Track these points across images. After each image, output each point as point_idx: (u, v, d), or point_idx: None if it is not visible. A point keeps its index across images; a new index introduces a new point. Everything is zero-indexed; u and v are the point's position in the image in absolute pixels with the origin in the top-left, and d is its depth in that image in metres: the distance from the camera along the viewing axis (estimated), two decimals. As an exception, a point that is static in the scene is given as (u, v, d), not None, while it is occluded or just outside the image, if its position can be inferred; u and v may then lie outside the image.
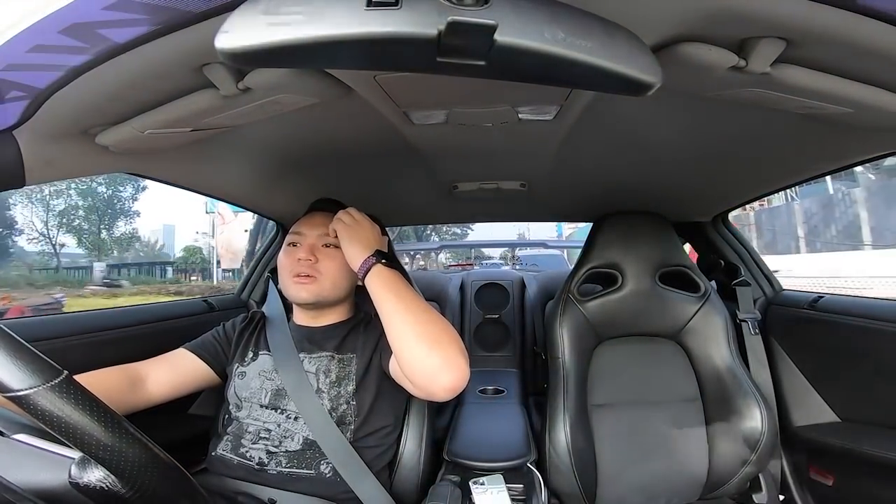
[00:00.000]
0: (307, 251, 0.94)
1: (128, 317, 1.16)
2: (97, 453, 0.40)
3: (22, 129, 0.62)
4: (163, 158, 0.89)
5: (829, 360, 1.21)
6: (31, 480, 0.42)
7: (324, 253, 0.95)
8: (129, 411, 0.83)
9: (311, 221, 0.99)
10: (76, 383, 0.41)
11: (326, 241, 0.96)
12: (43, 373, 0.39)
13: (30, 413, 0.39)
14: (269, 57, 0.39)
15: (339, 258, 0.93)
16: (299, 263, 0.93)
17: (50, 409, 0.39)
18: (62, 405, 0.39)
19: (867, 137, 0.81)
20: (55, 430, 0.39)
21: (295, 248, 0.96)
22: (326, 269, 0.94)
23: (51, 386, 0.39)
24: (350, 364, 0.93)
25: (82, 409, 0.40)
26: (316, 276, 0.93)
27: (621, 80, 0.43)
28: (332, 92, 0.70)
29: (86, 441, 0.40)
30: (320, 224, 0.97)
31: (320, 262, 0.94)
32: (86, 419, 0.40)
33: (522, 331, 1.96)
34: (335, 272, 0.95)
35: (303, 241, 0.96)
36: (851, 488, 1.10)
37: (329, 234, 0.95)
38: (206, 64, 0.58)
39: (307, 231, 0.97)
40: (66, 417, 0.39)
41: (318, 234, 0.96)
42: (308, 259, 0.93)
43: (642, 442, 1.20)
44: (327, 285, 0.94)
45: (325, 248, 0.96)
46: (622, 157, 1.10)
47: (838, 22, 0.48)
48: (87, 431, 0.40)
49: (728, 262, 1.51)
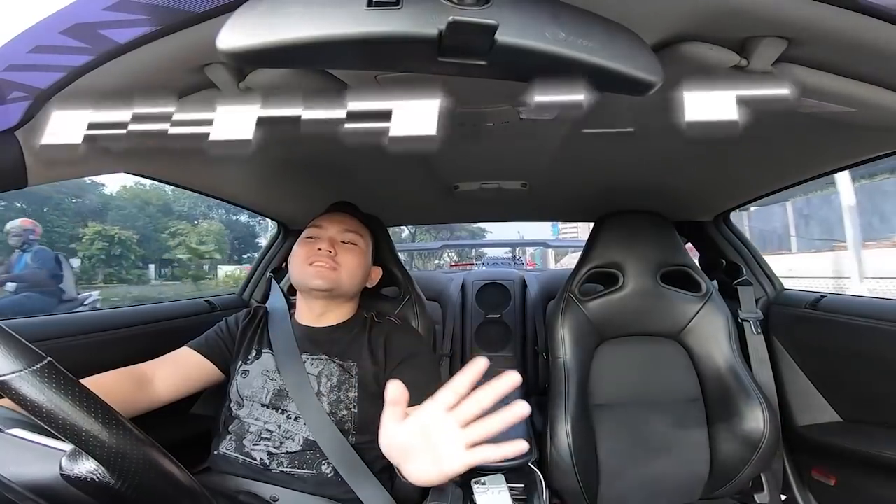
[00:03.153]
0: (328, 243, 0.97)
1: (129, 317, 1.16)
2: (81, 441, 0.39)
3: (24, 130, 0.62)
4: (165, 159, 0.89)
5: (832, 359, 1.21)
6: (23, 473, 0.42)
7: (343, 248, 0.98)
8: (137, 413, 0.83)
9: (332, 217, 1.03)
10: (59, 369, 0.40)
11: (346, 238, 1.00)
12: (25, 357, 0.39)
13: (11, 398, 0.38)
14: (270, 57, 0.39)
15: (358, 255, 0.99)
16: (319, 253, 0.96)
17: (31, 394, 0.38)
18: (44, 390, 0.38)
19: (870, 137, 0.81)
20: (38, 417, 0.38)
21: (313, 241, 0.98)
22: (345, 262, 0.97)
23: (33, 371, 0.38)
24: (351, 370, 0.93)
25: (65, 395, 0.39)
26: (335, 267, 0.95)
27: (622, 80, 0.43)
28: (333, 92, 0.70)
29: (69, 428, 0.39)
30: (342, 221, 1.02)
31: (339, 255, 0.97)
32: (68, 405, 0.39)
33: (524, 331, 1.95)
34: (352, 267, 0.98)
35: (323, 234, 0.99)
36: (853, 488, 1.10)
37: (352, 232, 0.99)
38: (207, 64, 0.58)
39: (328, 225, 1.01)
40: (47, 403, 0.38)
41: (339, 230, 1.00)
42: (329, 250, 0.96)
43: (644, 442, 1.20)
44: (344, 277, 0.97)
45: (344, 244, 0.99)
46: (623, 156, 1.10)
47: (840, 21, 0.48)
48: (71, 418, 0.39)
49: (729, 262, 1.50)
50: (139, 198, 19.68)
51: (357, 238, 1.01)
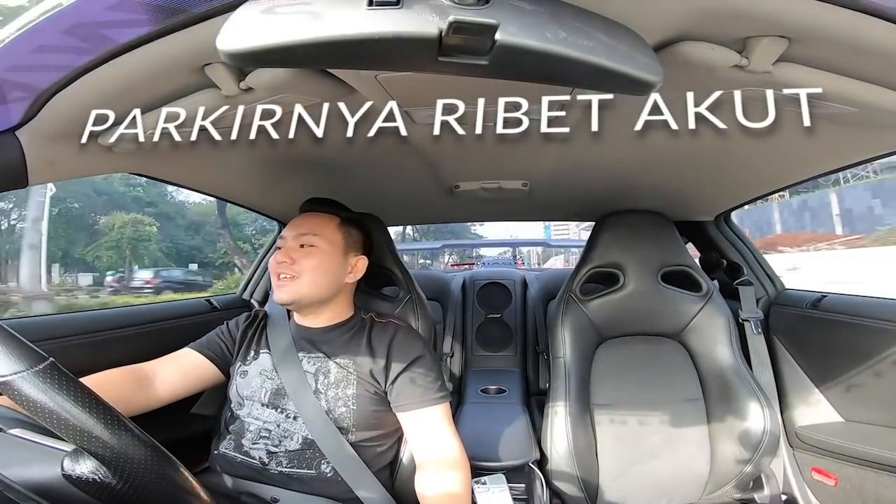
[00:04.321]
0: (284, 254, 0.94)
1: (130, 317, 1.16)
2: (84, 442, 0.39)
3: (24, 130, 0.62)
4: (165, 158, 0.89)
5: (833, 359, 1.20)
6: (25, 474, 0.42)
7: (300, 253, 0.94)
8: (137, 412, 0.84)
9: (293, 223, 0.99)
10: (61, 370, 0.40)
11: (302, 242, 0.95)
12: (27, 358, 0.39)
13: (13, 399, 0.38)
14: (270, 57, 0.39)
15: (316, 256, 0.94)
16: (278, 265, 0.94)
17: (34, 395, 0.38)
18: (46, 390, 0.38)
19: (870, 136, 0.81)
20: (40, 418, 0.38)
21: (278, 251, 0.97)
22: (303, 268, 0.93)
23: (35, 371, 0.38)
24: (349, 368, 0.93)
25: (67, 396, 0.39)
26: (295, 277, 0.93)
27: (623, 80, 0.43)
28: (334, 92, 0.70)
29: (71, 429, 0.39)
30: (300, 225, 0.98)
31: (297, 262, 0.93)
32: (70, 405, 0.39)
33: (524, 330, 1.95)
34: (311, 270, 0.94)
35: (284, 244, 0.96)
36: (854, 488, 1.10)
37: (307, 234, 0.95)
38: (207, 64, 0.58)
39: (287, 233, 0.98)
40: (49, 403, 0.38)
41: (295, 235, 0.96)
42: (284, 261, 0.93)
43: (644, 441, 1.20)
44: (304, 284, 0.93)
45: (302, 248, 0.95)
46: (624, 156, 1.10)
47: (840, 21, 0.48)
48: (73, 419, 0.39)
49: (730, 262, 1.50)
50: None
51: (313, 238, 0.96)
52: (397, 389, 0.91)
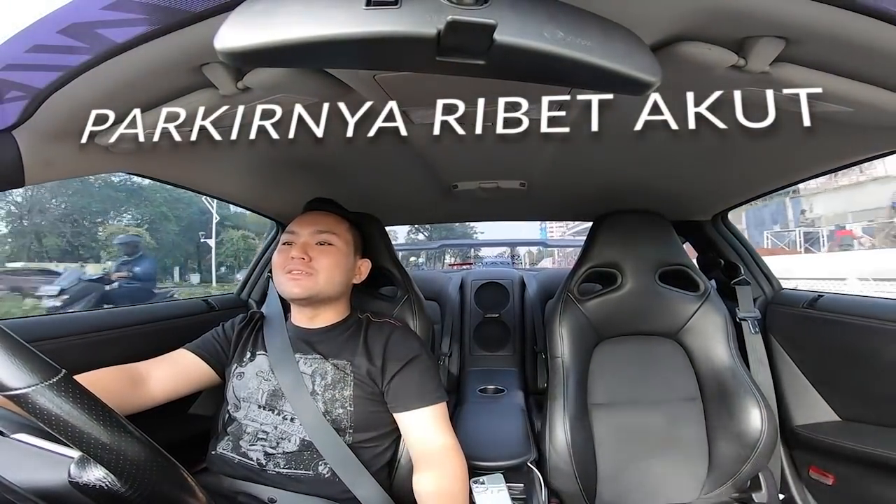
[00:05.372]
0: (300, 250, 0.94)
1: (127, 317, 1.16)
2: (96, 452, 0.40)
3: (21, 129, 0.62)
4: (162, 158, 0.89)
5: (830, 359, 1.21)
6: (31, 480, 0.42)
7: (317, 250, 0.95)
8: (131, 411, 0.83)
9: (304, 220, 0.99)
10: (75, 382, 0.41)
11: (320, 239, 0.96)
12: (41, 371, 0.39)
13: (28, 412, 0.39)
14: (268, 56, 0.39)
15: (334, 255, 0.95)
16: (293, 261, 0.93)
17: (48, 407, 0.38)
18: (61, 403, 0.39)
19: (867, 136, 0.81)
20: (54, 429, 0.39)
21: (289, 247, 0.96)
22: (321, 265, 0.94)
23: (49, 384, 0.39)
24: (346, 369, 0.92)
25: (81, 408, 0.39)
26: (311, 273, 0.93)
27: (621, 80, 0.43)
28: (332, 92, 0.70)
29: (85, 440, 0.39)
30: (316, 222, 0.98)
31: (314, 259, 0.94)
32: (84, 417, 0.39)
33: (522, 330, 1.96)
34: (329, 268, 0.95)
35: (297, 240, 0.96)
36: (851, 488, 1.10)
37: (325, 231, 0.96)
38: (205, 64, 0.58)
39: (300, 230, 0.97)
40: (64, 416, 0.39)
41: (311, 232, 0.97)
42: (301, 257, 0.93)
43: (642, 441, 1.20)
44: (321, 281, 0.94)
45: (319, 245, 0.96)
46: (621, 156, 1.10)
47: (838, 21, 0.48)
48: (86, 430, 0.39)
49: (728, 261, 1.51)
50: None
51: (331, 237, 0.97)
52: (394, 389, 0.91)
